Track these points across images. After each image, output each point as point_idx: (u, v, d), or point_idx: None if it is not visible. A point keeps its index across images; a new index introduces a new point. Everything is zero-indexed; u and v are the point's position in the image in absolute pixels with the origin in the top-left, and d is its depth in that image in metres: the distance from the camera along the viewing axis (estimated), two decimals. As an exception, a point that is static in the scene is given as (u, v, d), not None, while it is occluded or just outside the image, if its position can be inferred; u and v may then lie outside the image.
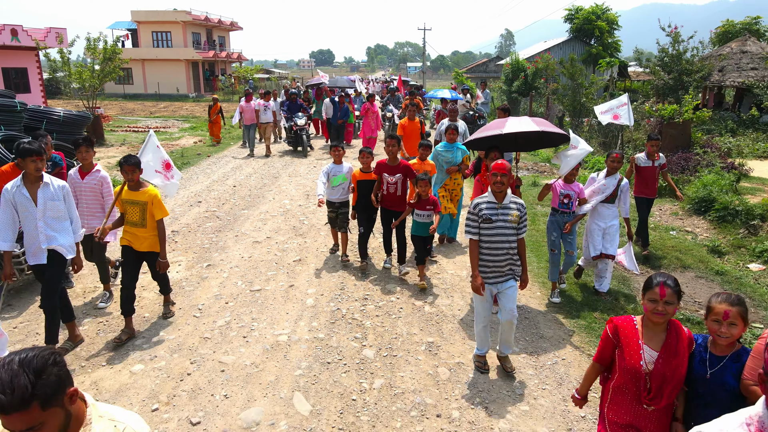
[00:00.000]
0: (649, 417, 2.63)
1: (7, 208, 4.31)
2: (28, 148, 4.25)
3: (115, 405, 2.04)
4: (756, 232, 7.37)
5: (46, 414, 1.51)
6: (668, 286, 2.53)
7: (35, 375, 1.47)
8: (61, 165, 6.26)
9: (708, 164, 9.75)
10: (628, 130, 12.54)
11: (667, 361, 2.53)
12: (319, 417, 3.82)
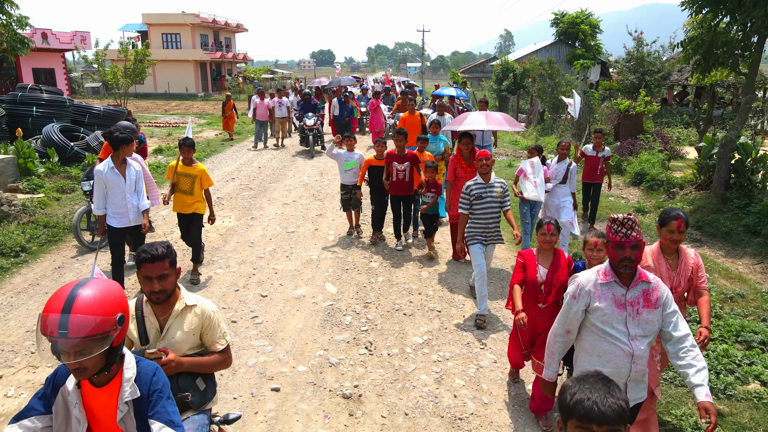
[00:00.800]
0: (541, 313, 3.89)
1: (100, 184, 5.42)
2: (122, 137, 5.38)
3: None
4: (673, 196, 9.49)
5: (171, 270, 2.54)
6: (552, 224, 3.85)
7: (166, 247, 2.55)
8: (144, 142, 8.37)
9: (650, 148, 11.88)
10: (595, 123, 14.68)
11: (552, 273, 3.86)
12: (343, 294, 5.93)
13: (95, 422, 2.10)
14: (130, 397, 2.05)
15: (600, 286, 2.81)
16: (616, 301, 2.78)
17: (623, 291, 2.78)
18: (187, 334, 2.62)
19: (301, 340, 4.96)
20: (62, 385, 2.10)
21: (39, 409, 2.08)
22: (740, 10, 7.60)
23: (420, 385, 4.30)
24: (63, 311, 1.84)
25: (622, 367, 2.78)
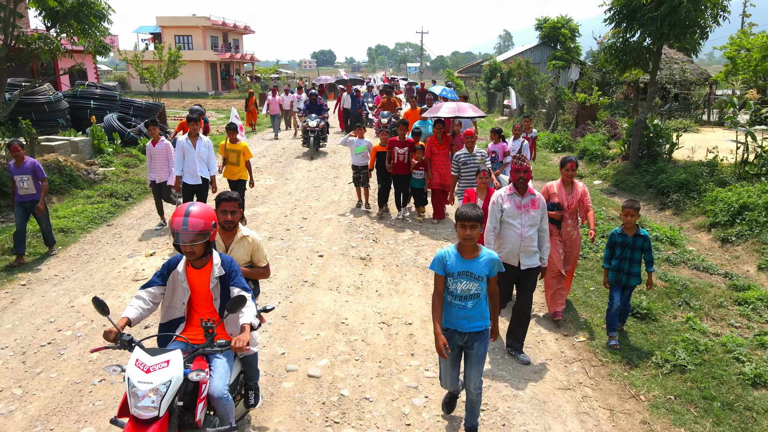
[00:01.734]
0: None
1: (179, 152, 7.53)
2: (192, 117, 7.70)
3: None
4: (605, 165, 12.46)
5: (238, 209, 3.70)
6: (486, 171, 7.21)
7: (237, 194, 3.74)
8: (207, 122, 11.33)
9: (596, 131, 14.84)
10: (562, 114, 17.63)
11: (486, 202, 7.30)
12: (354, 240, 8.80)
13: (194, 292, 3.28)
14: (218, 274, 3.22)
15: (507, 196, 4.63)
16: (516, 204, 4.57)
17: (520, 199, 4.58)
18: (242, 254, 3.78)
19: (333, 236, 7.95)
20: (174, 268, 3.26)
21: (158, 282, 3.24)
22: (644, 24, 10.56)
23: (405, 255, 7.27)
24: (184, 216, 3.03)
25: (517, 244, 4.58)
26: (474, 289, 3.49)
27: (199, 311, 3.31)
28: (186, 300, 3.28)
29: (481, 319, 3.55)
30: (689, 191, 9.28)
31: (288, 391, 4.28)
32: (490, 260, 3.51)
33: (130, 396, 2.69)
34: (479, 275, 3.46)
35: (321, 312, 5.64)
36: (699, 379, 4.41)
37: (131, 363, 2.78)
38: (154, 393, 2.66)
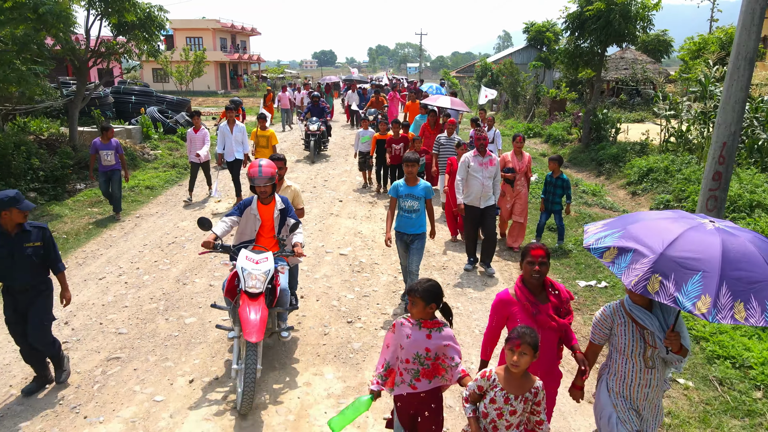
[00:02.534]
0: None
1: (220, 135, 9.50)
2: (230, 107, 10.65)
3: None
4: (564, 146, 15.33)
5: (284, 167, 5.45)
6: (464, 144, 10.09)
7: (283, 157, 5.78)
8: (244, 110, 14.20)
9: (562, 120, 17.72)
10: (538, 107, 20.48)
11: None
12: (363, 194, 11.65)
13: (262, 221, 4.67)
14: (279, 207, 4.71)
15: (473, 157, 6.62)
16: (478, 162, 6.54)
17: (481, 158, 6.59)
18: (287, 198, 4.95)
19: (348, 191, 10.82)
20: (248, 205, 4.66)
21: (236, 214, 4.63)
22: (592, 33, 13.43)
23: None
24: (259, 167, 4.51)
25: (479, 191, 6.50)
26: (416, 206, 5.41)
27: (264, 235, 4.70)
28: (257, 227, 4.65)
29: (420, 227, 5.49)
30: (617, 161, 12.17)
31: (328, 261, 7.16)
32: (425, 187, 5.45)
33: (245, 278, 4.06)
34: (418, 196, 5.42)
35: (344, 228, 8.53)
36: (577, 256, 7.29)
37: (242, 258, 4.22)
38: (261, 277, 4.10)
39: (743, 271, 2.42)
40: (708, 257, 2.46)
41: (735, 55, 5.89)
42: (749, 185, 8.67)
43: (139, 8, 12.64)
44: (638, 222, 2.81)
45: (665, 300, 2.43)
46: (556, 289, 3.22)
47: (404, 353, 3.03)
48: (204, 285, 6.46)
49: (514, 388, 2.74)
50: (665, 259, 2.50)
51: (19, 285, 4.08)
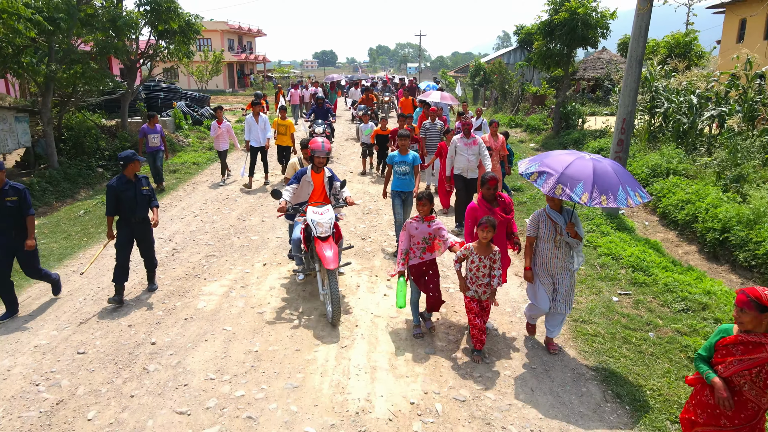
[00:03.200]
0: None
1: (247, 125, 11.41)
2: (256, 101, 13.76)
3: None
4: (539, 134, 17.91)
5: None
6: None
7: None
8: (267, 102, 16.77)
9: (541, 113, 20.30)
10: (523, 102, 23.04)
11: None
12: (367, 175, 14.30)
13: (315, 186, 5.99)
14: (328, 175, 6.08)
15: (459, 138, 8.25)
16: (464, 143, 8.20)
17: (466, 139, 8.24)
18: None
19: (356, 167, 13.39)
20: (304, 174, 6.01)
21: (295, 183, 5.97)
22: (560, 38, 16.00)
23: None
24: (321, 143, 5.90)
25: (465, 165, 8.16)
26: (407, 170, 7.23)
27: (315, 198, 6.00)
28: (310, 191, 6.00)
29: (410, 186, 7.29)
30: (577, 144, 14.77)
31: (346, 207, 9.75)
32: (414, 156, 7.29)
33: (315, 227, 5.41)
34: (409, 162, 7.24)
35: (357, 191, 11.13)
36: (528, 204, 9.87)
37: (310, 213, 5.59)
38: (326, 224, 5.47)
39: (604, 179, 4.23)
40: (586, 174, 4.24)
41: (629, 58, 8.47)
42: (668, 157, 11.26)
43: (181, 17, 15.22)
44: (549, 157, 4.64)
45: (565, 197, 4.18)
46: (503, 198, 5.41)
47: (415, 239, 5.16)
48: (258, 221, 9.06)
49: (482, 252, 4.75)
50: (563, 176, 4.29)
51: (138, 217, 6.03)
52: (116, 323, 5.56)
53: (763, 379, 2.94)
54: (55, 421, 4.04)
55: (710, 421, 3.11)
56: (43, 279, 6.08)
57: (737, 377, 3.01)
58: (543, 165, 4.53)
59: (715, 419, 3.09)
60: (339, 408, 4.21)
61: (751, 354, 2.97)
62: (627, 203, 4.16)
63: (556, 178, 4.31)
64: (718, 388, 3.00)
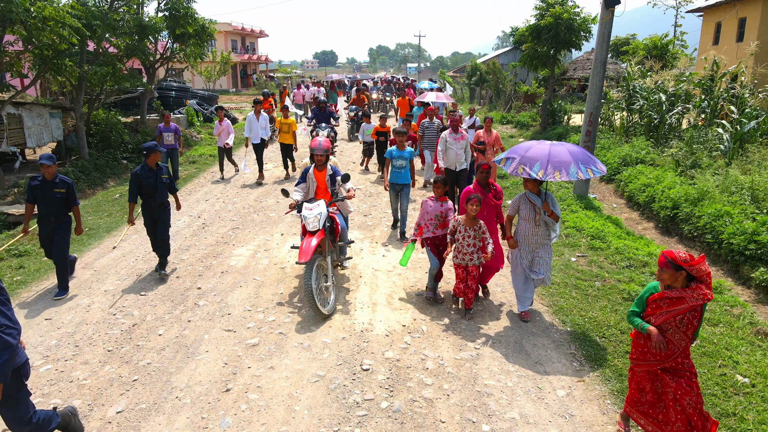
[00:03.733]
0: None
1: (248, 123, 11.93)
2: (258, 99, 14.26)
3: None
4: (528, 129, 19.23)
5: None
6: None
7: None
8: (275, 99, 18.07)
9: (530, 110, 21.61)
10: (515, 100, 24.37)
11: None
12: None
13: (318, 183, 6.41)
14: (330, 173, 6.41)
15: (449, 133, 9.02)
16: (453, 138, 8.97)
17: (455, 134, 9.01)
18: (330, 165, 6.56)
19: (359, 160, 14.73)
20: (308, 172, 6.41)
21: (302, 181, 6.37)
22: (546, 41, 17.32)
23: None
24: (320, 140, 6.37)
25: (454, 158, 8.94)
26: (404, 164, 7.99)
27: (319, 193, 6.40)
28: (314, 188, 6.36)
29: (407, 179, 8.03)
30: (561, 138, 16.08)
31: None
32: (410, 151, 8.10)
33: (306, 223, 5.64)
34: (406, 157, 8.04)
35: (359, 179, 12.42)
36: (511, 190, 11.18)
37: (303, 209, 5.81)
38: (314, 219, 5.62)
39: (558, 158, 4.95)
40: (542, 155, 5.01)
41: (594, 60, 9.79)
42: (637, 149, 12.58)
43: (197, 22, 16.54)
44: (518, 146, 5.46)
45: (525, 175, 4.98)
46: (494, 186, 6.08)
47: (428, 216, 5.98)
48: (273, 202, 10.39)
49: (469, 224, 5.55)
50: (524, 158, 5.10)
51: (158, 202, 6.65)
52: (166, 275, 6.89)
53: (685, 324, 3.74)
54: (134, 336, 5.36)
55: (642, 357, 3.99)
56: (62, 268, 6.27)
57: (665, 325, 3.69)
58: (510, 152, 5.37)
59: (644, 356, 3.95)
60: (348, 328, 5.53)
61: (674, 306, 3.62)
62: (578, 176, 4.84)
63: (518, 161, 5.13)
64: (654, 335, 3.64)
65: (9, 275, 6.91)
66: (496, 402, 4.37)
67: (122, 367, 4.80)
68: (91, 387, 4.52)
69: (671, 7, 33.49)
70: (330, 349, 5.13)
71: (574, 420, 4.18)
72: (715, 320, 5.73)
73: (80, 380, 4.61)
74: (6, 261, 7.35)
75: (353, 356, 5.00)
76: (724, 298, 6.29)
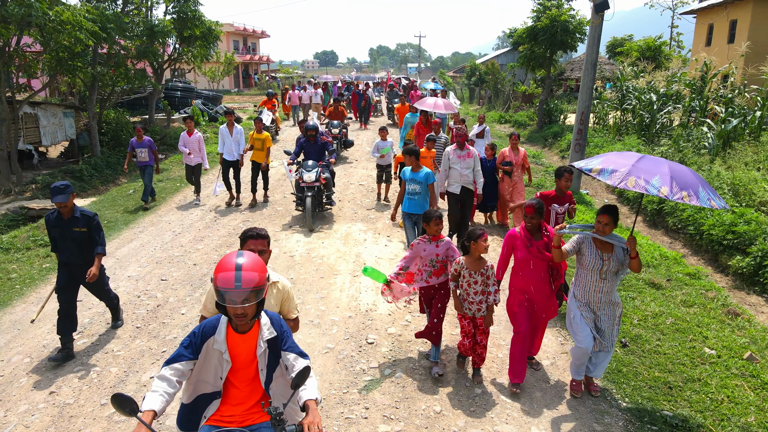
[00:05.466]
0: None
1: (220, 137, 9.87)
2: (230, 110, 10.52)
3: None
4: (525, 128, 19.76)
5: (267, 248, 3.26)
6: None
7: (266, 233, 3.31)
8: (277, 101, 18.58)
9: (528, 110, 22.14)
10: (513, 102, 24.92)
11: None
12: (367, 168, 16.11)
13: (235, 362, 2.62)
14: (268, 336, 2.62)
15: (453, 150, 7.38)
16: (458, 155, 7.31)
17: (460, 152, 7.34)
18: (271, 304, 3.22)
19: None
20: (211, 335, 2.58)
21: (187, 356, 2.56)
22: (542, 42, 17.85)
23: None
24: (236, 270, 2.40)
25: (459, 179, 7.29)
26: (417, 189, 6.38)
27: (239, 386, 2.69)
28: (225, 374, 2.64)
29: (422, 207, 6.36)
30: (556, 137, 16.62)
31: (353, 187, 11.55)
32: (426, 173, 6.39)
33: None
34: (420, 181, 6.36)
35: (360, 173, 12.95)
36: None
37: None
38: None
39: (681, 176, 3.73)
40: (660, 170, 3.72)
41: (585, 62, 10.31)
42: (628, 147, 13.11)
43: (204, 24, 17.08)
44: (610, 154, 4.15)
45: (639, 189, 3.61)
46: (548, 231, 4.47)
47: (422, 261, 4.68)
48: (280, 197, 10.96)
49: (473, 267, 4.38)
50: (635, 168, 3.76)
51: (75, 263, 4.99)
52: (184, 263, 7.42)
53: None
54: (159, 315, 5.89)
55: None
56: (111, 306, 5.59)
57: None
58: (606, 162, 4.01)
59: None
60: (354, 308, 6.06)
61: None
62: (710, 204, 3.68)
63: (626, 171, 3.78)
64: None
65: (38, 263, 7.44)
66: (487, 370, 4.89)
67: (151, 341, 5.33)
68: (125, 357, 5.05)
69: (667, 8, 33.98)
70: (338, 325, 5.66)
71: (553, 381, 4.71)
72: (690, 302, 6.26)
73: (114, 351, 5.14)
74: (33, 250, 7.89)
75: (359, 332, 5.53)
76: (701, 283, 6.81)
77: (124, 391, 4.50)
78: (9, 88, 11.73)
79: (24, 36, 11.20)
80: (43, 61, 12.34)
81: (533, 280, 4.46)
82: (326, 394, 4.50)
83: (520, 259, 4.50)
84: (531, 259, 4.42)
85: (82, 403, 4.37)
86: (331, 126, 14.06)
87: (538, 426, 4.14)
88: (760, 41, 18.87)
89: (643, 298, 6.30)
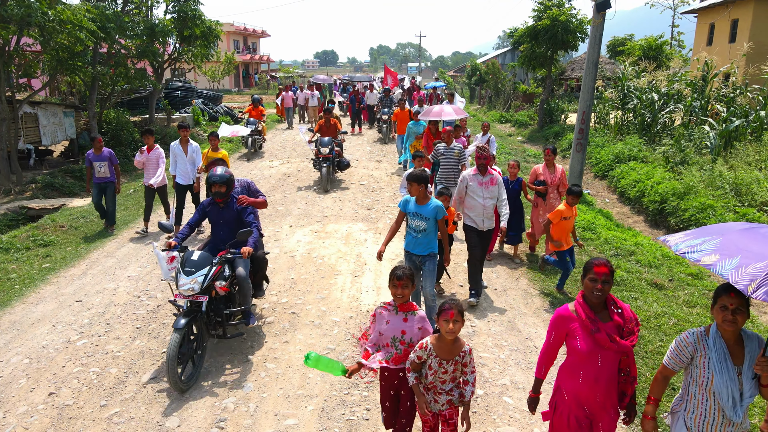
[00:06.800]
0: None
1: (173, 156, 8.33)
2: (183, 124, 8.36)
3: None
4: (526, 128, 19.71)
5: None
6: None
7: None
8: (263, 107, 18.55)
9: (529, 109, 22.11)
10: (514, 102, 24.88)
11: None
12: (368, 167, 16.12)
13: None
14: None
15: (472, 176, 6.03)
16: (479, 182, 5.97)
17: (481, 178, 5.99)
18: None
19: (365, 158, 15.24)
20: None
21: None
22: (543, 42, 17.81)
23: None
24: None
25: (480, 212, 5.96)
26: (423, 225, 4.99)
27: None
28: None
29: (428, 247, 5.08)
30: (557, 137, 16.59)
31: (353, 187, 11.52)
32: (435, 207, 4.97)
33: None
34: (427, 216, 4.98)
35: (362, 174, 12.93)
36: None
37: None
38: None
39: None
40: None
41: (586, 61, 10.28)
42: (630, 146, 13.08)
43: (204, 24, 17.06)
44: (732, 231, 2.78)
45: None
46: (620, 308, 2.95)
47: (383, 338, 3.35)
48: (281, 196, 10.93)
49: (445, 353, 3.08)
50: None
51: None
52: (184, 263, 7.39)
53: None
54: (159, 316, 5.87)
55: None
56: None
57: None
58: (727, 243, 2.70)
59: None
60: (355, 309, 6.04)
61: None
62: None
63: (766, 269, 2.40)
64: None
65: (37, 263, 7.42)
66: (489, 371, 4.87)
67: (151, 342, 5.31)
68: (124, 358, 5.02)
69: (668, 7, 33.93)
70: (339, 326, 5.63)
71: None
72: (693, 302, 6.24)
73: (114, 352, 5.12)
74: (33, 250, 7.87)
75: (360, 332, 5.49)
76: (703, 283, 6.79)
77: (123, 392, 4.49)
78: (9, 88, 11.71)
79: (24, 36, 11.18)
80: (43, 60, 12.33)
81: (601, 386, 2.94)
82: (327, 396, 4.48)
83: (582, 352, 2.94)
84: (599, 353, 2.91)
85: (81, 404, 4.35)
86: (321, 144, 11.42)
87: (540, 428, 4.11)
88: (761, 41, 18.84)
89: (646, 299, 6.28)
